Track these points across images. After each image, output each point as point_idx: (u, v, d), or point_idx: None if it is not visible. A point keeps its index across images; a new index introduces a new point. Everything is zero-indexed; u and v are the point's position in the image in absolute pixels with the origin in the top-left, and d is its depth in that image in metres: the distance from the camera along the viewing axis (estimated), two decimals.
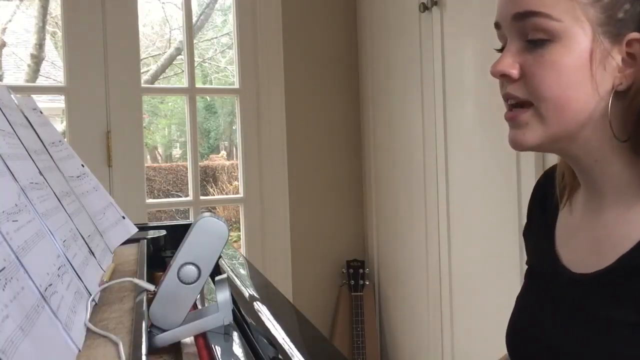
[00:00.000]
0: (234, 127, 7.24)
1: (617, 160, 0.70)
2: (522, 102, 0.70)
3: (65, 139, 2.02)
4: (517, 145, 0.72)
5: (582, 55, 0.66)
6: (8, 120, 0.84)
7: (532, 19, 0.67)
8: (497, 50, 0.75)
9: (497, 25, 0.73)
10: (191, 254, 0.69)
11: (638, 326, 0.65)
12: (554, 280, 0.77)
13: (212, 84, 7.33)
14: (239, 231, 2.77)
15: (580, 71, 0.67)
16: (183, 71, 2.71)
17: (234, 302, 0.79)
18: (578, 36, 0.66)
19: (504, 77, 0.71)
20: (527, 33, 0.69)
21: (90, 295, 0.74)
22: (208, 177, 7.17)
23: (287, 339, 0.72)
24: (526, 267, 0.89)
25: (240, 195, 2.68)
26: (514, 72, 0.70)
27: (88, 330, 0.65)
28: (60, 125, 4.61)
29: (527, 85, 0.69)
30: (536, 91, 0.68)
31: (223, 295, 0.71)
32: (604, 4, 0.66)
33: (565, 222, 0.81)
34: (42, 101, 4.69)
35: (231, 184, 7.09)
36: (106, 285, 0.81)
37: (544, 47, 0.67)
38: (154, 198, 6.40)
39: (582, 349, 0.70)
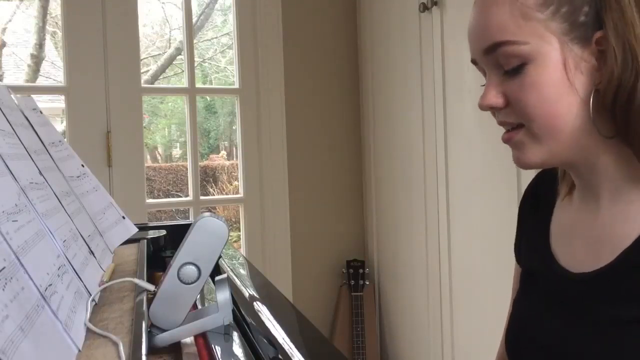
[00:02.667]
0: (234, 127, 7.23)
1: (611, 160, 0.71)
2: (515, 125, 0.73)
3: (65, 139, 2.02)
4: (522, 165, 0.74)
5: (556, 68, 0.68)
6: (8, 120, 0.84)
7: (501, 49, 0.70)
8: (482, 85, 0.77)
9: (474, 62, 0.76)
10: (191, 254, 0.69)
11: None
12: (552, 281, 0.78)
13: (212, 84, 7.32)
14: (239, 231, 2.77)
15: (560, 83, 0.68)
16: (183, 71, 2.71)
17: (234, 302, 0.79)
18: (548, 52, 0.68)
19: (492, 109, 0.74)
20: (502, 63, 0.71)
21: (90, 295, 0.74)
22: (208, 177, 7.16)
23: (287, 339, 0.72)
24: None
25: (240, 195, 2.68)
26: (500, 101, 0.72)
27: (88, 330, 0.65)
28: (60, 125, 4.61)
29: (515, 110, 0.71)
30: (524, 114, 0.70)
31: (223, 295, 0.71)
32: (563, 14, 0.68)
33: (560, 221, 0.81)
34: (42, 101, 4.69)
35: (231, 184, 7.08)
36: (106, 285, 0.81)
37: (520, 71, 0.69)
38: (154, 198, 6.39)
39: (586, 349, 0.70)
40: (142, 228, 1.31)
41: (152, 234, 1.27)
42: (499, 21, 0.70)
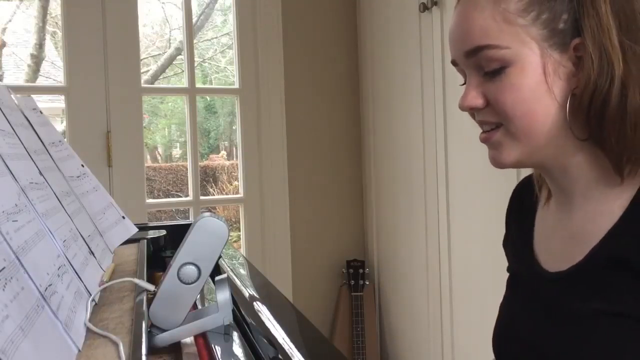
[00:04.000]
0: (234, 127, 7.23)
1: (583, 161, 0.74)
2: (494, 125, 0.76)
3: (65, 139, 2.02)
4: (497, 164, 0.77)
5: (535, 72, 0.71)
6: (8, 120, 0.84)
7: (483, 52, 0.72)
8: (461, 85, 0.79)
9: (454, 63, 0.79)
10: (191, 254, 0.69)
11: (612, 315, 0.68)
12: (532, 282, 0.81)
13: (212, 84, 7.32)
14: (239, 231, 2.77)
15: (538, 86, 0.71)
16: (183, 71, 2.71)
17: (234, 302, 0.79)
18: (528, 56, 0.71)
19: (472, 109, 0.77)
20: (482, 65, 0.73)
21: (90, 295, 0.74)
22: (208, 177, 7.16)
23: (287, 339, 0.72)
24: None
25: (240, 195, 2.68)
26: (480, 102, 0.75)
27: (88, 330, 0.65)
28: (60, 125, 4.61)
29: (494, 110, 0.74)
30: (502, 113, 0.73)
31: (223, 295, 0.71)
32: (543, 21, 0.70)
33: (541, 225, 0.85)
34: (42, 101, 4.69)
35: (231, 184, 7.08)
36: (106, 285, 0.81)
37: (500, 74, 0.72)
38: (154, 198, 6.39)
39: (561, 344, 0.72)
40: (142, 228, 1.31)
41: (152, 234, 1.27)
42: (482, 25, 0.72)
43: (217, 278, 0.74)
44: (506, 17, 0.70)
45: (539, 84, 0.71)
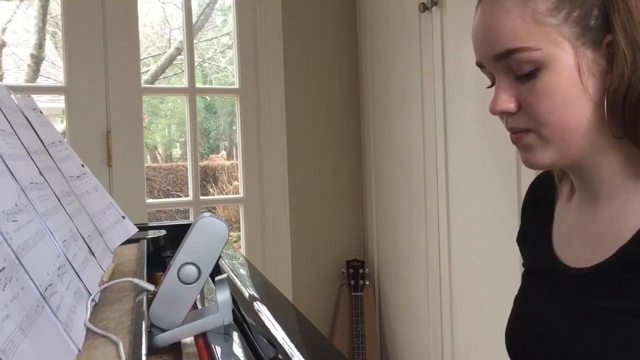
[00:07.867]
0: (234, 127, 7.23)
1: (614, 159, 0.73)
2: (524, 129, 0.73)
3: (65, 139, 2.02)
4: (531, 166, 0.75)
5: (570, 73, 0.69)
6: (8, 121, 0.84)
7: (514, 55, 0.70)
8: (488, 87, 0.77)
9: (480, 65, 0.76)
10: (191, 254, 0.69)
11: (637, 315, 0.67)
12: (553, 278, 0.79)
13: (212, 84, 7.32)
14: (239, 231, 2.77)
15: (573, 88, 0.69)
16: (183, 71, 2.71)
17: (234, 302, 0.79)
18: (561, 57, 0.68)
19: (504, 113, 0.74)
20: (513, 68, 0.71)
21: (90, 295, 0.74)
22: (208, 177, 7.16)
23: (287, 339, 0.72)
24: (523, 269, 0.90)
25: (240, 195, 2.68)
26: (512, 106, 0.72)
27: (88, 330, 0.65)
28: (60, 125, 4.61)
29: (527, 115, 0.72)
30: (536, 119, 0.71)
31: (223, 295, 0.71)
32: (574, 19, 0.68)
33: (562, 222, 0.83)
34: (42, 101, 4.68)
35: (231, 184, 7.08)
36: (106, 285, 0.81)
37: (533, 77, 0.70)
38: (154, 198, 6.39)
39: (583, 341, 0.71)
40: (142, 228, 1.31)
41: (152, 234, 1.27)
42: (511, 27, 0.69)
43: (217, 278, 0.74)
44: (536, 18, 0.68)
45: (573, 85, 0.69)
